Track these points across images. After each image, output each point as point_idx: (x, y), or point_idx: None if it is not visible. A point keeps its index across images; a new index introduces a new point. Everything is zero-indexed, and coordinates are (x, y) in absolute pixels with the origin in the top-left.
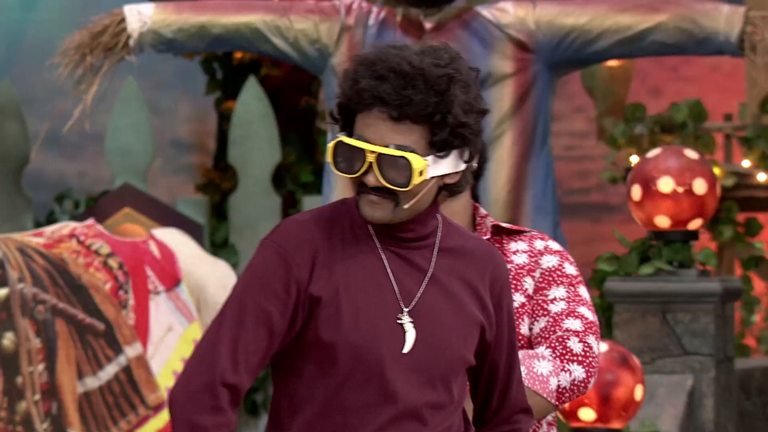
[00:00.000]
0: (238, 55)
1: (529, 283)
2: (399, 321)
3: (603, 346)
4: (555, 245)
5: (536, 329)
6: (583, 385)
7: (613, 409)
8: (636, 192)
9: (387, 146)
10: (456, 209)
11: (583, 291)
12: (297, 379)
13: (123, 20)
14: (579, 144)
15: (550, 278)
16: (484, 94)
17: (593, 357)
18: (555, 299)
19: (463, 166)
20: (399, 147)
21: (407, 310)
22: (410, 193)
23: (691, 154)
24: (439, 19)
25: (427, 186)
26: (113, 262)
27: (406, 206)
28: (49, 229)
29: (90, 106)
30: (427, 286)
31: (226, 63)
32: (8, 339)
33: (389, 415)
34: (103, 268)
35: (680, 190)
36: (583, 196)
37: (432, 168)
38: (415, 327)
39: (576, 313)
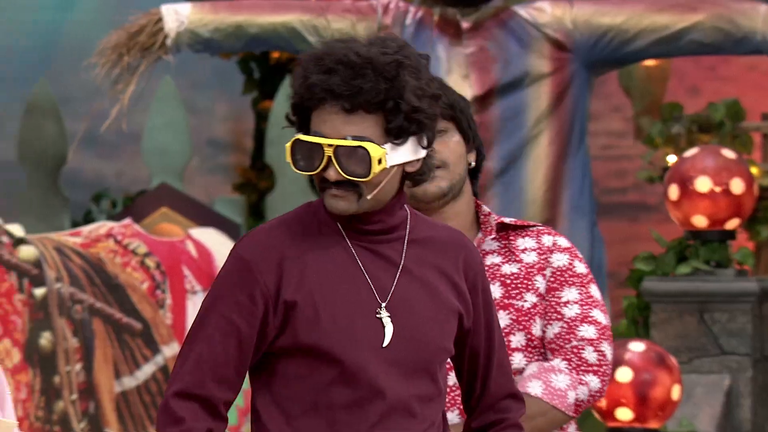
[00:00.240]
0: (275, 54)
1: (540, 282)
2: (378, 315)
3: (640, 346)
4: (563, 241)
5: (550, 334)
6: (598, 394)
7: (650, 408)
8: (673, 191)
9: (344, 138)
10: (459, 209)
11: (594, 291)
12: (279, 380)
13: (160, 20)
14: (616, 143)
15: (562, 278)
16: (521, 94)
17: (607, 365)
18: (568, 302)
19: (422, 153)
20: (355, 138)
21: (384, 304)
22: (371, 184)
23: (729, 153)
24: (476, 19)
25: (389, 175)
26: (150, 262)
27: (369, 197)
28: (86, 229)
29: (127, 105)
30: (400, 278)
31: (263, 62)
32: (45, 338)
33: (379, 410)
34: (140, 268)
35: (717, 189)
36: (621, 196)
37: (391, 156)
38: (392, 320)
39: (590, 318)
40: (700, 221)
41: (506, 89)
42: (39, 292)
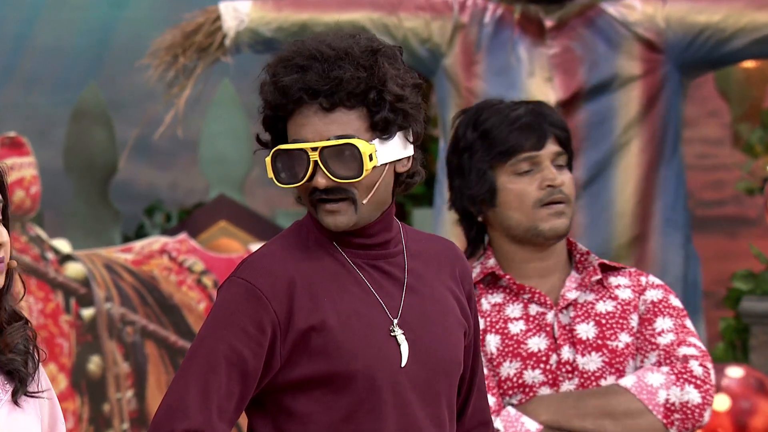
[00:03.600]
0: None
1: (635, 320)
2: (392, 333)
3: (738, 371)
4: (656, 279)
5: (647, 364)
6: (697, 411)
7: None
8: None
9: (328, 139)
10: (561, 247)
11: (690, 324)
12: (289, 419)
13: (218, 18)
14: (712, 152)
15: (656, 309)
16: (610, 98)
17: (711, 385)
18: (663, 331)
19: (411, 150)
20: (340, 137)
21: (396, 321)
22: (365, 186)
23: None
24: (560, 17)
25: (382, 175)
26: (208, 280)
27: (364, 201)
28: (138, 245)
29: (183, 111)
30: (407, 294)
31: None
32: (94, 363)
33: None
34: (196, 287)
35: None
36: (717, 209)
37: (380, 152)
38: (406, 337)
39: (688, 342)
40: None
41: (593, 93)
42: (87, 312)
